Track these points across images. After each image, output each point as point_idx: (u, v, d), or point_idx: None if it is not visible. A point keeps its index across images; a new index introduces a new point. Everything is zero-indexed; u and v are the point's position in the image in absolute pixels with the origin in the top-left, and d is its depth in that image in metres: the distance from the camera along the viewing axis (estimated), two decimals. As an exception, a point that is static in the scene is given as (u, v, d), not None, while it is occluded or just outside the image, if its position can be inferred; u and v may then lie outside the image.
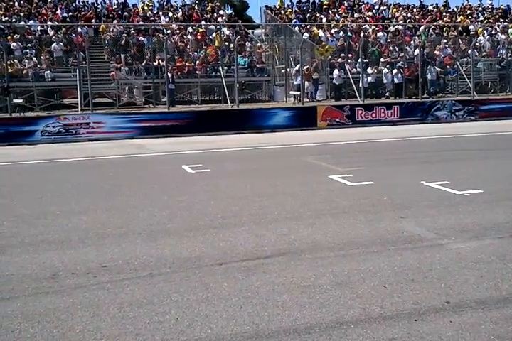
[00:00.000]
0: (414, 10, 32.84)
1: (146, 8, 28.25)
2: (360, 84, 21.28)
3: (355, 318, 4.00)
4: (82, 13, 26.44)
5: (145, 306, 4.29)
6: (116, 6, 28.30)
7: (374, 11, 31.48)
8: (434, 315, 4.01)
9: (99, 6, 27.97)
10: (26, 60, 20.68)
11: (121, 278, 4.88)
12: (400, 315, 4.04)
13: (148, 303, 4.33)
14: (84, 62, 19.71)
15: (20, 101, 19.17)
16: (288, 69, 23.39)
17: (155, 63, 21.63)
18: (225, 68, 22.26)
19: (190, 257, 5.40)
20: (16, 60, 20.72)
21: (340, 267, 5.01)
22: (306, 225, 6.45)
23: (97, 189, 9.19)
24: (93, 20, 25.47)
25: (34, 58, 21.02)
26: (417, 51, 23.43)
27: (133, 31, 23.68)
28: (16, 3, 27.39)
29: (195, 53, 23.34)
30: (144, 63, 22.21)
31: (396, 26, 27.83)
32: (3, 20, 24.26)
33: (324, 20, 28.83)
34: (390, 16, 31.25)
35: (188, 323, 4.00)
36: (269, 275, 4.86)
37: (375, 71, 23.37)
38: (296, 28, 26.37)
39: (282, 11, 30.15)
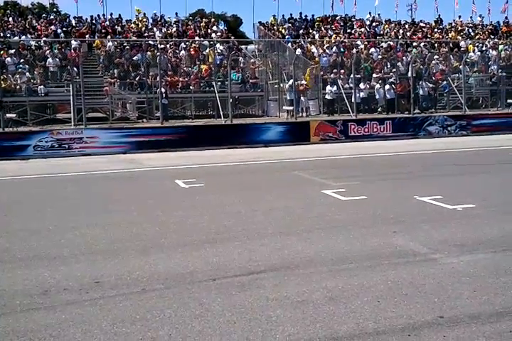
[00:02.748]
0: (406, 26, 33.21)
1: (140, 24, 28.43)
2: (353, 100, 21.42)
3: (348, 333, 3.99)
4: (77, 28, 26.58)
5: (138, 322, 4.26)
6: (108, 22, 28.44)
7: (366, 27, 31.81)
8: (428, 330, 4.01)
9: (94, 21, 28.15)
10: (18, 76, 20.71)
11: (113, 294, 4.84)
12: (394, 329, 4.03)
13: (141, 319, 4.30)
14: (77, 77, 19.76)
15: (13, 115, 19.16)
16: (281, 85, 23.56)
17: (148, 79, 21.70)
18: (219, 83, 22.37)
19: (183, 273, 5.38)
20: (9, 75, 20.75)
21: (333, 282, 5.00)
22: (300, 240, 6.44)
23: (90, 204, 9.17)
24: (87, 36, 25.61)
25: (27, 73, 21.07)
26: (409, 67, 23.65)
27: (127, 47, 23.80)
28: (10, 19, 27.54)
29: (189, 69, 23.47)
30: (137, 78, 22.28)
31: (388, 42, 28.10)
32: (-3, 35, 24.35)
33: (317, 36, 29.10)
34: (382, 32, 31.58)
35: (181, 339, 3.97)
36: (263, 291, 4.84)
37: (368, 86, 23.56)
38: (289, 44, 26.58)
39: (275, 27, 30.41)
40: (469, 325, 4.07)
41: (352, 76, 22.64)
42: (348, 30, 30.89)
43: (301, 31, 29.86)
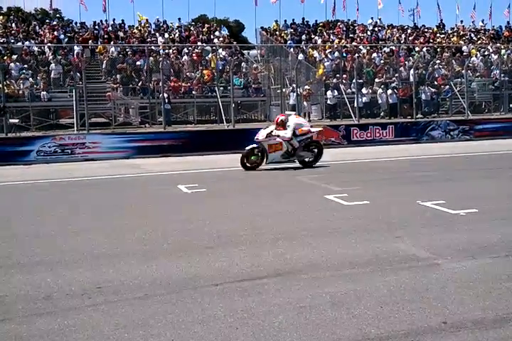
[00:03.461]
0: (409, 30, 33.26)
1: (142, 30, 28.50)
2: (355, 104, 21.44)
3: (351, 339, 3.98)
4: (80, 34, 26.68)
5: (140, 328, 4.25)
6: (111, 28, 28.53)
7: (369, 32, 31.87)
8: (431, 336, 3.99)
9: (97, 27, 28.27)
10: (21, 81, 20.78)
11: (116, 300, 4.84)
12: (397, 335, 4.01)
13: (143, 325, 4.30)
14: (80, 83, 19.82)
15: (16, 121, 19.22)
16: (283, 90, 23.59)
17: (151, 84, 21.76)
18: (221, 88, 22.41)
19: (185, 278, 5.38)
20: (12, 81, 20.83)
21: (336, 287, 4.99)
22: (302, 245, 6.44)
23: (93, 209, 9.17)
24: (90, 41, 25.70)
25: (31, 79, 21.14)
26: (411, 71, 23.68)
27: (129, 52, 23.87)
28: (14, 24, 27.66)
29: (192, 74, 23.52)
30: (140, 84, 22.33)
31: (390, 47, 28.14)
32: (1, 41, 24.45)
33: (319, 41, 29.16)
34: (384, 37, 31.63)
35: (183, 345, 3.97)
36: (265, 296, 4.83)
37: (370, 91, 23.57)
38: (292, 49, 26.63)
39: (278, 32, 30.48)
40: (473, 331, 4.05)
41: (354, 81, 22.66)
42: (351, 35, 30.95)
43: (303, 36, 29.93)
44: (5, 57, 21.89)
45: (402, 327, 4.13)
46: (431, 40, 31.43)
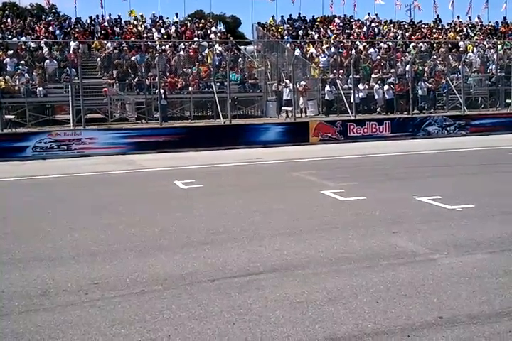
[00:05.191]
0: (406, 25, 33.22)
1: (139, 28, 28.35)
2: (352, 100, 21.41)
3: (348, 334, 3.99)
4: (76, 29, 26.56)
5: (137, 323, 4.25)
6: (107, 24, 28.41)
7: (365, 27, 31.82)
8: (427, 330, 4.01)
9: (93, 23, 28.14)
10: (17, 77, 20.68)
11: (112, 295, 4.84)
12: (393, 330, 4.03)
13: (140, 320, 4.30)
14: (76, 78, 19.73)
15: (12, 117, 19.13)
16: (280, 85, 23.55)
17: (147, 80, 21.69)
18: (218, 84, 22.36)
19: (182, 274, 5.38)
20: (8, 76, 20.74)
21: (332, 283, 5.00)
22: (299, 241, 6.44)
23: (89, 205, 9.16)
24: (85, 37, 25.59)
25: (26, 74, 21.04)
26: (407, 67, 23.67)
27: (126, 48, 23.78)
28: (9, 20, 27.52)
29: (189, 69, 23.46)
30: (136, 79, 22.27)
31: (387, 42, 28.11)
32: (-4, 36, 24.33)
33: (316, 36, 29.11)
34: (381, 33, 31.59)
35: (180, 340, 3.97)
36: (262, 292, 4.84)
37: (367, 87, 23.55)
38: (288, 45, 26.59)
39: (274, 28, 30.41)
40: (468, 326, 4.07)
41: (351, 76, 22.64)
42: (347, 31, 30.89)
43: (300, 32, 29.86)
44: (0, 53, 21.78)
45: (399, 322, 4.15)
46: (427, 36, 31.40)
